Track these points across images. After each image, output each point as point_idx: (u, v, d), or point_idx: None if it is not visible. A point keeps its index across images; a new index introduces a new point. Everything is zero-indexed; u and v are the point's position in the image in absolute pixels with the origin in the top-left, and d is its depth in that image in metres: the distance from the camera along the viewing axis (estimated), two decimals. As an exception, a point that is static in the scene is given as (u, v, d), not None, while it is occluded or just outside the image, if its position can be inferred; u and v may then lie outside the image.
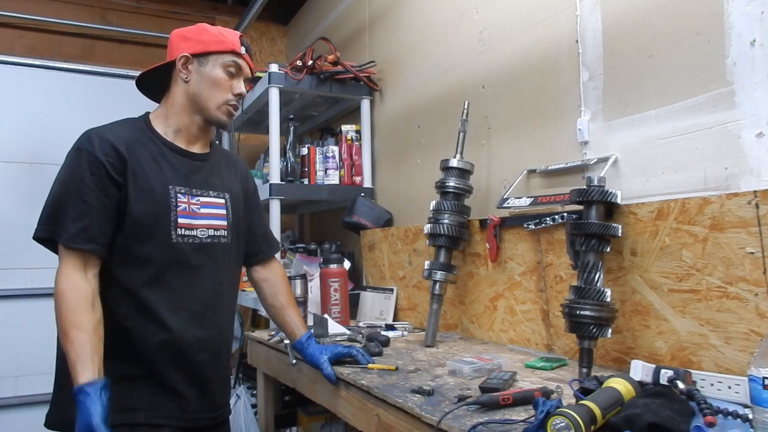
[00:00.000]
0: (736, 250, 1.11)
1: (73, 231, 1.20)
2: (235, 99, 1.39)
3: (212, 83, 1.35)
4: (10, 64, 3.10)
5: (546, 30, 1.68)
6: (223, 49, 1.36)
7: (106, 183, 1.24)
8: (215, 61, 1.36)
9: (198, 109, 1.37)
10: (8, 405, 2.95)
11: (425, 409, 1.08)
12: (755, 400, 0.83)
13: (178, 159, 1.36)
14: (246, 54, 1.40)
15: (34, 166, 3.07)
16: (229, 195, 1.43)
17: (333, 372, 1.42)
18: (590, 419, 0.84)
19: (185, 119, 1.38)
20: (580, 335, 1.27)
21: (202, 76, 1.35)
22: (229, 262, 1.43)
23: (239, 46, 1.38)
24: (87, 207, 1.21)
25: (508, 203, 1.68)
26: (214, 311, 1.37)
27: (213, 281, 1.36)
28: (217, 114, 1.38)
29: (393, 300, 2.21)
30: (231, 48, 1.36)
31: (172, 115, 1.38)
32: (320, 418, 2.30)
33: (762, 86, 1.14)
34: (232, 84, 1.38)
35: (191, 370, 1.31)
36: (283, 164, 2.52)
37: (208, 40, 1.37)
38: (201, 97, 1.36)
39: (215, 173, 1.44)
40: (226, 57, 1.36)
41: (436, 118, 2.21)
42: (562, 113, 1.62)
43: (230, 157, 1.57)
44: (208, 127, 1.42)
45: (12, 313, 2.95)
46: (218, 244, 1.38)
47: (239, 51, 1.38)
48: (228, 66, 1.36)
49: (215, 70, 1.36)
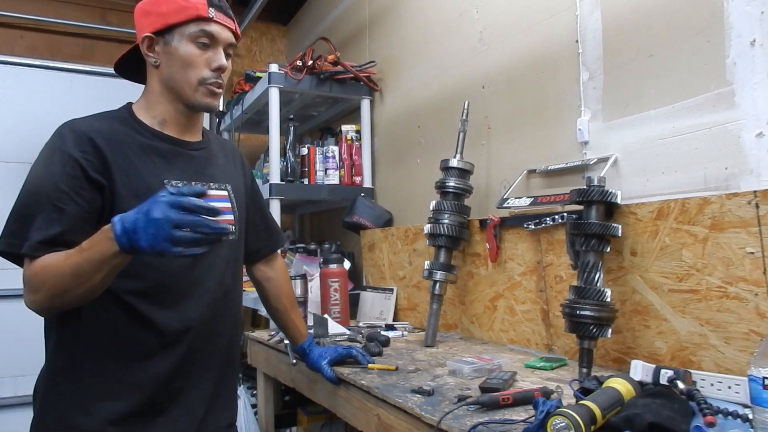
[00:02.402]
0: (736, 250, 1.11)
1: (40, 239, 1.01)
2: (214, 75, 1.15)
3: (183, 63, 1.13)
4: (10, 64, 3.10)
5: (546, 30, 1.68)
6: (186, 17, 1.12)
7: (84, 185, 1.05)
8: (181, 35, 1.12)
9: (176, 96, 1.17)
10: (8, 405, 2.95)
11: (425, 409, 1.08)
12: (755, 400, 0.83)
13: (171, 149, 1.18)
14: (221, 14, 1.15)
15: (34, 166, 3.07)
16: (231, 186, 1.28)
17: (334, 374, 1.42)
18: (590, 419, 0.84)
19: (168, 108, 1.18)
20: (580, 335, 1.27)
21: (171, 56, 1.14)
22: (236, 261, 1.30)
23: (205, 9, 1.13)
24: (61, 216, 1.02)
25: (508, 203, 1.67)
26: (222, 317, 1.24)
27: (219, 284, 1.22)
28: (197, 97, 1.15)
29: (393, 300, 2.21)
30: (195, 14, 1.12)
31: (153, 106, 1.19)
32: (320, 418, 2.30)
33: (762, 86, 1.14)
34: (207, 57, 1.14)
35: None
36: (283, 164, 2.52)
37: (168, 10, 1.12)
38: (175, 81, 1.15)
39: (213, 163, 1.27)
40: (191, 27, 1.12)
41: (436, 118, 2.21)
42: (562, 113, 1.62)
43: (225, 144, 1.41)
44: (195, 114, 1.23)
45: (12, 313, 2.95)
46: (226, 241, 1.24)
47: (206, 15, 1.12)
48: (197, 37, 1.13)
49: (182, 45, 1.13)
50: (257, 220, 1.44)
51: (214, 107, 1.20)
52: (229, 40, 1.18)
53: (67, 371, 1.11)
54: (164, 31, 1.13)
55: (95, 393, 1.09)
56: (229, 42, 1.18)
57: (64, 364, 1.11)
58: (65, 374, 1.11)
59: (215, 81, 1.16)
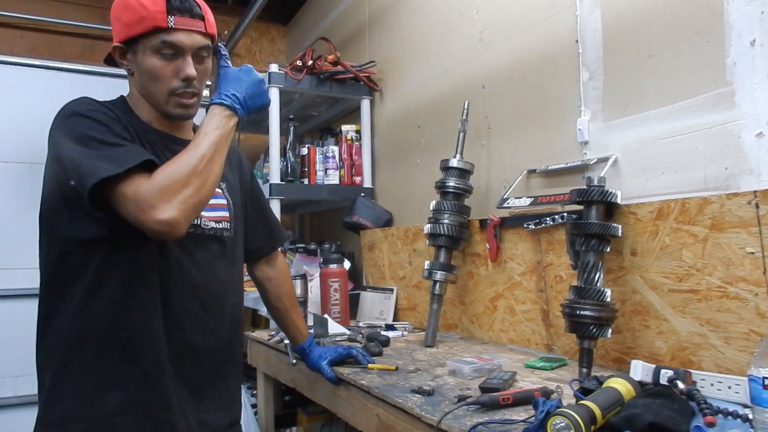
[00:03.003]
0: (736, 250, 1.11)
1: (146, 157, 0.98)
2: (184, 84, 1.09)
3: (150, 75, 1.08)
4: (10, 64, 3.10)
5: (546, 30, 1.68)
6: (143, 29, 1.05)
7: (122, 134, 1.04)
8: (144, 47, 1.07)
9: (153, 105, 1.14)
10: (8, 405, 2.95)
11: (425, 409, 1.08)
12: (755, 400, 0.83)
13: (163, 144, 1.16)
14: (184, 18, 1.06)
15: (34, 166, 3.06)
16: (225, 185, 1.26)
17: (334, 374, 1.42)
18: (590, 419, 0.84)
19: (150, 111, 1.16)
20: (580, 335, 1.27)
21: (139, 68, 1.09)
22: (233, 259, 1.28)
23: (164, 18, 1.04)
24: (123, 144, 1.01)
25: (508, 203, 1.67)
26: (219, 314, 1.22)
27: (218, 281, 1.21)
28: (168, 109, 1.12)
29: (393, 300, 2.21)
30: (152, 25, 1.04)
31: (138, 107, 1.17)
32: (320, 418, 2.30)
33: (762, 86, 1.14)
34: (174, 67, 1.08)
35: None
36: (283, 164, 2.53)
37: (129, 20, 1.06)
38: (147, 92, 1.12)
39: None
40: (152, 39, 1.05)
41: (436, 118, 2.21)
42: (562, 113, 1.62)
43: None
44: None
45: (12, 313, 2.94)
46: (221, 237, 1.22)
47: (165, 25, 1.04)
48: (159, 49, 1.06)
49: (147, 58, 1.07)
50: (257, 219, 1.42)
51: (189, 116, 1.16)
52: (197, 44, 1.09)
53: (70, 363, 1.09)
54: (130, 41, 1.08)
55: (99, 384, 1.08)
56: (198, 46, 1.09)
57: (65, 357, 1.10)
58: (67, 366, 1.10)
59: (185, 91, 1.10)
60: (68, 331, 1.10)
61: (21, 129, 3.06)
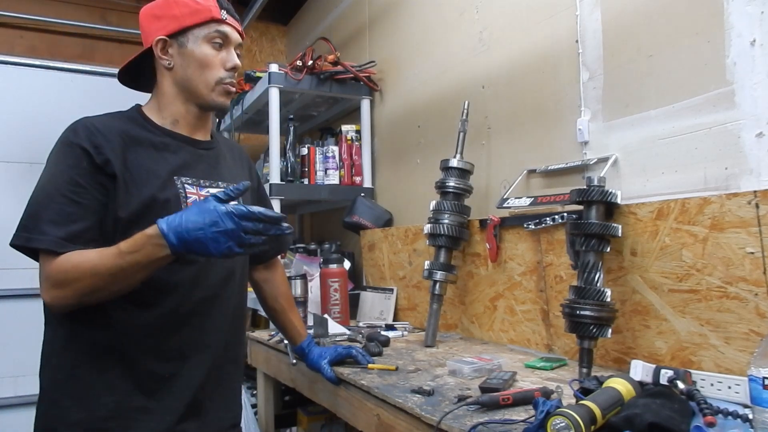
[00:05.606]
0: (736, 250, 1.11)
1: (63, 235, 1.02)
2: (230, 75, 1.20)
3: (199, 64, 1.17)
4: (10, 64, 3.10)
5: (546, 30, 1.68)
6: (200, 19, 1.16)
7: (98, 178, 1.07)
8: (196, 37, 1.16)
9: (191, 97, 1.20)
10: (8, 405, 2.95)
11: (425, 409, 1.08)
12: (755, 400, 0.83)
13: (182, 147, 1.20)
14: (229, 16, 1.20)
15: (34, 166, 3.06)
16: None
17: (334, 374, 1.42)
18: (590, 419, 0.84)
19: (180, 109, 1.21)
20: (580, 335, 1.27)
21: (186, 58, 1.17)
22: (244, 262, 1.30)
23: (218, 10, 1.18)
24: (79, 209, 1.04)
25: (508, 203, 1.67)
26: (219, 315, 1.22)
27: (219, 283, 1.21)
28: (213, 97, 1.20)
29: (393, 300, 2.21)
30: (209, 16, 1.16)
31: (165, 107, 1.21)
32: (320, 418, 2.30)
33: (762, 86, 1.14)
34: (222, 58, 1.19)
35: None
36: (283, 164, 2.53)
37: (181, 13, 1.16)
38: (191, 83, 1.18)
39: (222, 162, 1.29)
40: (206, 28, 1.17)
41: (436, 118, 2.21)
42: (562, 113, 1.62)
43: (233, 146, 1.44)
44: (206, 114, 1.26)
45: (12, 313, 2.95)
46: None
47: (219, 17, 1.17)
48: (212, 38, 1.17)
49: (199, 47, 1.17)
50: None
51: (227, 107, 1.25)
52: (238, 40, 1.23)
53: (68, 368, 1.10)
54: (178, 33, 1.16)
55: (94, 388, 1.08)
56: (238, 42, 1.23)
57: (63, 362, 1.11)
58: (65, 371, 1.10)
59: (231, 81, 1.21)
60: (65, 333, 1.11)
61: (21, 129, 3.06)
